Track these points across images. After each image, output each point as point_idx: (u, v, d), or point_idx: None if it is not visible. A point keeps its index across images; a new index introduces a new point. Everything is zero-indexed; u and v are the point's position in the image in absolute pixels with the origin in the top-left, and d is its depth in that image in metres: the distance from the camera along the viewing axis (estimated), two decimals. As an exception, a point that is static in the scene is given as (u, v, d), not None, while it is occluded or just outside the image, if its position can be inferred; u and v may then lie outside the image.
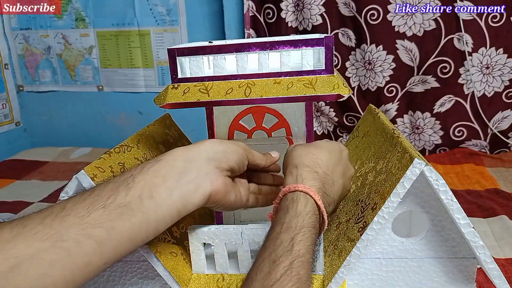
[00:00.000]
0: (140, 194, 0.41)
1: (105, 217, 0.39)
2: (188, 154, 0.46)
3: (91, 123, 1.61)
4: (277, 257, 0.38)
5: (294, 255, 0.38)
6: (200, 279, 0.53)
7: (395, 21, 1.22)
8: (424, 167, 0.44)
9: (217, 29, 1.43)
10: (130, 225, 0.40)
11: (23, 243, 0.34)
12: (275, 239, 0.40)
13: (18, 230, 0.35)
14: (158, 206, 0.42)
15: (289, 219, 0.41)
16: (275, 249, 0.39)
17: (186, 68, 0.53)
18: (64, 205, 0.38)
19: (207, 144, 0.48)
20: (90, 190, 0.41)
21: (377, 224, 0.46)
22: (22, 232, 0.35)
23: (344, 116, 1.36)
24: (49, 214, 0.37)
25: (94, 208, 0.39)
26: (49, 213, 0.37)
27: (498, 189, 1.02)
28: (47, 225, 0.36)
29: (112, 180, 0.42)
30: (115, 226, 0.39)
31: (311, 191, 0.44)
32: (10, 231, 0.35)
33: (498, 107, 1.25)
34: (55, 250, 0.35)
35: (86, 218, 0.38)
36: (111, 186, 0.41)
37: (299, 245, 0.39)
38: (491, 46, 1.20)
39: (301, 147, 0.51)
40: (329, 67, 0.50)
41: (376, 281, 0.51)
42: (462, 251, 0.49)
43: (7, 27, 1.56)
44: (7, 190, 1.21)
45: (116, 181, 0.42)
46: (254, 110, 0.57)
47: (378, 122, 0.63)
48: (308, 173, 0.46)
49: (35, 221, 0.36)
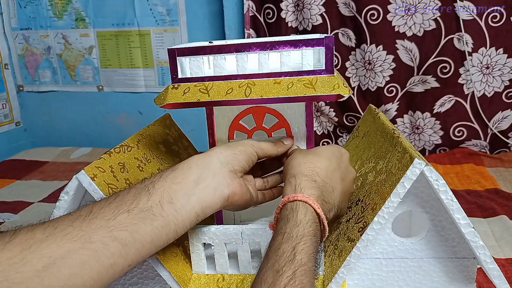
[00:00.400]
0: (160, 199, 0.44)
1: (129, 220, 0.41)
2: (202, 161, 0.48)
3: (91, 123, 1.61)
4: (280, 267, 0.38)
5: (297, 264, 0.39)
6: (200, 279, 0.53)
7: (395, 21, 1.22)
8: (424, 167, 0.44)
9: (217, 29, 1.43)
10: (152, 228, 0.43)
11: (54, 243, 0.36)
12: (277, 249, 0.41)
13: (50, 231, 0.37)
14: (178, 211, 0.45)
15: (290, 228, 0.42)
16: (278, 259, 0.39)
17: (186, 68, 0.53)
18: (90, 208, 0.41)
19: (217, 150, 0.50)
20: (114, 195, 0.43)
21: (377, 224, 0.46)
22: (53, 233, 0.37)
23: (344, 116, 1.36)
24: (77, 217, 0.39)
25: (119, 212, 0.41)
26: (78, 216, 0.39)
27: (498, 189, 1.02)
28: (76, 227, 0.38)
29: (134, 186, 0.45)
30: (138, 230, 0.41)
31: (310, 200, 0.44)
32: (42, 232, 0.37)
33: (498, 107, 1.25)
34: (84, 251, 0.38)
35: (112, 221, 0.40)
36: (134, 192, 0.44)
37: (300, 254, 0.40)
38: (491, 46, 1.20)
39: (300, 155, 0.51)
40: (329, 67, 0.50)
41: (376, 281, 0.51)
42: (462, 251, 0.49)
43: (7, 27, 1.56)
44: (7, 190, 1.21)
45: (137, 187, 0.44)
46: (254, 110, 0.57)
47: (378, 122, 0.63)
48: (306, 182, 0.47)
49: (65, 222, 0.38)
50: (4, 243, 0.35)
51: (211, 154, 0.49)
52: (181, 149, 0.70)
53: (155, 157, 0.61)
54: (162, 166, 0.61)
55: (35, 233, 0.37)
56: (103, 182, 0.48)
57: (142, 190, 0.44)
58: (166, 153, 0.65)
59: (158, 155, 0.62)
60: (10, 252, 0.35)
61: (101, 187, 0.48)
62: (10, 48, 1.58)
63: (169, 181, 0.45)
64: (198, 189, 0.46)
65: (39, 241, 0.36)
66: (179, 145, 0.70)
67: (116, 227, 0.40)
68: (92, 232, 0.39)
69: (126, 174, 0.53)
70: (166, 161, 0.63)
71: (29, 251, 0.36)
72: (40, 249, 0.36)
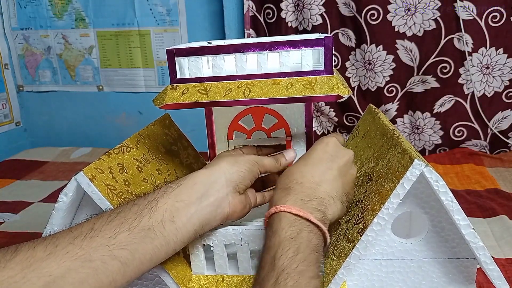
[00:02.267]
0: (162, 218, 0.44)
1: (130, 239, 0.41)
2: (207, 178, 0.48)
3: (91, 123, 1.61)
4: (262, 280, 0.39)
5: (278, 271, 0.39)
6: (200, 280, 0.53)
7: (395, 21, 1.22)
8: (424, 168, 0.44)
9: (217, 29, 1.43)
10: (152, 247, 0.43)
11: (55, 262, 0.37)
12: (260, 263, 0.42)
13: (51, 249, 0.37)
14: (178, 229, 0.45)
15: (268, 239, 0.43)
16: (260, 272, 0.40)
17: (185, 68, 0.53)
18: (92, 225, 0.41)
19: (223, 166, 0.50)
20: (116, 211, 0.43)
21: (377, 225, 0.46)
22: (54, 251, 0.37)
23: (344, 116, 1.36)
24: (79, 234, 0.40)
25: (120, 230, 0.41)
26: (79, 233, 0.40)
27: (498, 189, 1.02)
28: (77, 245, 0.38)
29: (137, 202, 0.45)
30: (138, 248, 0.42)
31: (282, 207, 0.45)
32: (43, 250, 0.37)
33: (498, 107, 1.25)
34: (84, 270, 0.38)
35: (112, 239, 0.40)
36: (136, 209, 0.44)
37: (280, 260, 0.40)
38: (491, 46, 1.20)
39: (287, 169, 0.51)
40: (329, 67, 0.50)
41: (376, 282, 0.51)
42: (462, 252, 0.48)
43: (7, 27, 1.56)
44: (7, 190, 1.21)
45: (140, 204, 0.44)
46: (253, 111, 0.57)
47: (378, 122, 0.63)
48: (280, 194, 0.47)
49: (66, 240, 0.39)
50: (6, 261, 0.36)
51: (217, 171, 0.49)
52: (181, 150, 0.70)
53: (154, 158, 0.61)
54: (161, 166, 0.61)
55: (36, 251, 0.37)
56: (102, 183, 0.48)
57: (145, 208, 0.44)
58: (165, 153, 0.64)
59: (157, 156, 0.62)
60: (11, 270, 0.35)
61: (100, 188, 0.48)
62: (10, 48, 1.58)
63: (172, 198, 0.46)
64: (200, 207, 0.47)
65: (39, 260, 0.37)
66: (179, 145, 0.70)
67: (116, 245, 0.40)
68: (92, 251, 0.39)
69: (125, 175, 0.53)
70: (165, 162, 0.63)
71: (30, 269, 0.36)
72: (41, 268, 0.36)
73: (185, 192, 0.47)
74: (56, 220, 0.49)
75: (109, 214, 0.43)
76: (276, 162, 0.54)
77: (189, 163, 0.70)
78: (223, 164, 0.50)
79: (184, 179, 0.48)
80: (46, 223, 0.50)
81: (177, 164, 0.66)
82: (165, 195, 0.46)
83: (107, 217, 0.42)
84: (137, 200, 0.45)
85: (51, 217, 0.49)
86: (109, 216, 0.42)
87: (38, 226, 0.95)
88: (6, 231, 0.95)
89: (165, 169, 0.62)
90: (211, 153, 0.59)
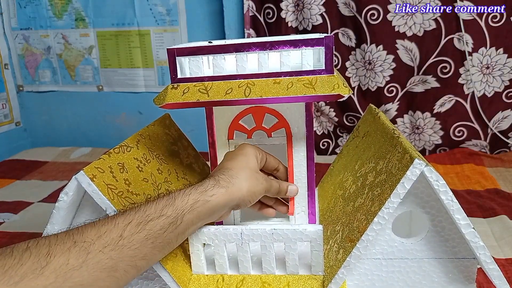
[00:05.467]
0: (183, 232, 0.47)
1: (151, 251, 0.44)
2: (226, 203, 0.49)
3: (91, 123, 1.61)
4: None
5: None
6: (200, 280, 0.53)
7: (395, 21, 1.22)
8: (424, 167, 0.44)
9: (217, 29, 1.43)
10: (165, 253, 0.47)
11: (86, 271, 0.38)
12: None
13: (84, 258, 0.39)
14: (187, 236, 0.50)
15: None
16: None
17: (185, 68, 0.53)
18: (121, 231, 0.42)
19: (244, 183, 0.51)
20: (144, 221, 0.44)
21: (377, 225, 0.46)
22: (86, 260, 0.39)
23: (344, 116, 1.36)
24: (109, 242, 0.41)
25: (147, 243, 0.43)
26: (109, 241, 0.41)
27: (498, 189, 1.02)
28: (107, 254, 0.40)
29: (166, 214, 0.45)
30: (155, 258, 0.45)
31: None
32: (76, 258, 0.38)
33: (498, 107, 1.25)
34: (109, 279, 0.40)
35: (138, 251, 0.42)
36: (163, 222, 0.44)
37: None
38: (491, 46, 1.20)
39: None
40: (329, 67, 0.50)
41: (376, 282, 0.51)
42: (462, 252, 0.48)
43: (7, 27, 1.56)
44: (7, 190, 1.21)
45: (169, 216, 0.45)
46: (254, 110, 0.57)
47: (378, 122, 0.63)
48: None
49: (97, 247, 0.40)
50: (41, 267, 0.37)
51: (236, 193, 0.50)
52: (181, 149, 0.70)
53: (154, 157, 0.61)
54: (161, 166, 0.61)
55: (70, 258, 0.38)
56: (102, 183, 0.48)
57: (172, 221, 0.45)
58: (165, 153, 0.64)
59: (157, 155, 0.62)
60: (46, 279, 0.36)
61: (100, 188, 0.48)
62: (10, 48, 1.58)
63: (195, 215, 0.47)
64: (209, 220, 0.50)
65: (73, 269, 0.38)
66: (179, 145, 0.70)
67: (140, 257, 0.43)
68: (119, 262, 0.41)
69: (126, 174, 0.53)
70: (165, 161, 0.63)
71: (64, 278, 0.37)
72: (73, 277, 0.38)
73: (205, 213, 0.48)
74: (57, 220, 0.49)
75: (138, 222, 0.43)
76: (280, 192, 0.57)
77: (189, 163, 0.70)
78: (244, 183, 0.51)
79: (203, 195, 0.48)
80: (46, 223, 0.50)
81: (177, 164, 0.66)
82: (190, 211, 0.46)
83: (137, 225, 0.43)
84: (166, 211, 0.45)
85: (52, 216, 0.49)
86: (138, 225, 0.43)
87: (38, 226, 0.95)
88: (6, 231, 0.95)
89: (166, 169, 0.62)
90: (211, 152, 0.59)
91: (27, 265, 0.36)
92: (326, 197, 0.68)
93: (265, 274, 0.53)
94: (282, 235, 0.50)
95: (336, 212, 0.58)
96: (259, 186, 0.53)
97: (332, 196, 0.65)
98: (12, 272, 0.35)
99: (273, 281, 0.52)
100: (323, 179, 0.76)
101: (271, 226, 0.50)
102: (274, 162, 0.59)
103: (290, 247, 0.51)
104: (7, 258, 0.36)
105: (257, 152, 0.55)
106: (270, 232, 0.50)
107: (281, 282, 0.52)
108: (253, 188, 0.52)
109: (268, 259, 0.52)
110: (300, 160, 0.58)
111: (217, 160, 0.59)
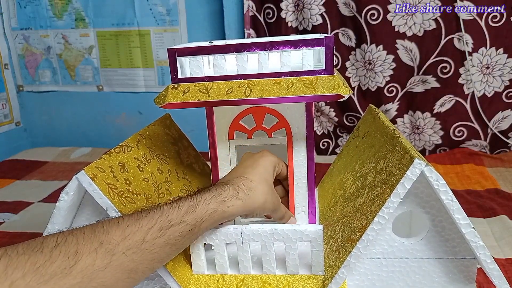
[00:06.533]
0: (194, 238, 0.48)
1: (167, 254, 0.45)
2: (240, 212, 0.51)
3: (91, 123, 1.61)
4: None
5: None
6: (200, 280, 0.53)
7: (395, 21, 1.22)
8: (425, 167, 0.44)
9: (217, 29, 1.43)
10: (176, 255, 0.48)
11: (110, 273, 0.40)
12: None
13: (109, 259, 0.40)
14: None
15: None
16: None
17: (186, 68, 0.53)
18: (144, 235, 0.42)
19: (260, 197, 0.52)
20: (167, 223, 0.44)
21: (377, 225, 0.46)
22: (111, 262, 0.40)
23: (344, 116, 1.36)
24: (132, 245, 0.41)
25: (165, 248, 0.44)
26: (133, 244, 0.41)
27: (498, 189, 1.02)
28: (129, 256, 0.41)
29: (185, 219, 0.45)
30: (167, 260, 0.46)
31: None
32: (102, 259, 0.40)
33: (498, 107, 1.25)
34: (129, 280, 0.42)
35: (156, 254, 0.43)
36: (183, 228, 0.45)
37: None
38: (491, 46, 1.20)
39: None
40: (330, 67, 0.50)
41: (376, 282, 0.51)
42: (462, 252, 0.49)
43: (7, 27, 1.56)
44: (7, 190, 1.21)
45: (190, 223, 0.46)
46: (254, 110, 0.57)
47: (378, 122, 0.63)
48: None
49: (121, 249, 0.41)
50: (70, 266, 0.37)
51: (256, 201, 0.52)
52: (181, 149, 0.70)
53: (155, 157, 0.61)
54: (162, 166, 0.61)
55: (96, 259, 0.39)
56: (103, 182, 0.48)
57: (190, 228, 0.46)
58: (166, 153, 0.65)
59: (158, 155, 0.62)
60: (73, 279, 0.37)
61: (101, 187, 0.48)
62: (10, 48, 1.58)
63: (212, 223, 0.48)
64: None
65: (98, 270, 0.39)
66: (179, 145, 0.70)
67: (157, 260, 0.44)
68: (139, 264, 0.42)
69: (126, 174, 0.53)
70: (166, 161, 0.63)
71: (89, 278, 0.38)
72: (98, 277, 0.39)
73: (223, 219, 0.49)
74: (57, 219, 0.49)
75: (160, 226, 0.43)
76: (280, 219, 0.58)
77: (190, 163, 0.70)
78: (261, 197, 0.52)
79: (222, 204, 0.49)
80: (46, 223, 0.50)
81: (177, 164, 0.66)
82: (208, 220, 0.47)
83: (159, 230, 0.43)
84: (186, 216, 0.46)
85: (52, 216, 0.49)
86: (160, 230, 0.43)
87: (38, 226, 0.95)
88: (6, 231, 0.95)
89: (166, 169, 0.62)
90: (211, 152, 0.59)
91: (57, 263, 0.37)
92: (326, 197, 0.68)
93: (266, 274, 0.53)
94: (283, 235, 0.50)
95: (336, 212, 0.58)
96: (270, 204, 0.54)
97: (332, 196, 0.65)
98: (43, 270, 0.36)
99: (273, 281, 0.52)
100: (323, 179, 0.76)
101: (272, 226, 0.51)
102: (285, 171, 0.60)
103: (291, 247, 0.51)
104: (38, 254, 0.37)
105: (275, 163, 0.57)
106: (271, 232, 0.50)
107: (281, 282, 0.52)
108: (265, 205, 0.53)
109: (269, 259, 0.52)
110: (300, 160, 0.59)
111: (217, 160, 0.59)
